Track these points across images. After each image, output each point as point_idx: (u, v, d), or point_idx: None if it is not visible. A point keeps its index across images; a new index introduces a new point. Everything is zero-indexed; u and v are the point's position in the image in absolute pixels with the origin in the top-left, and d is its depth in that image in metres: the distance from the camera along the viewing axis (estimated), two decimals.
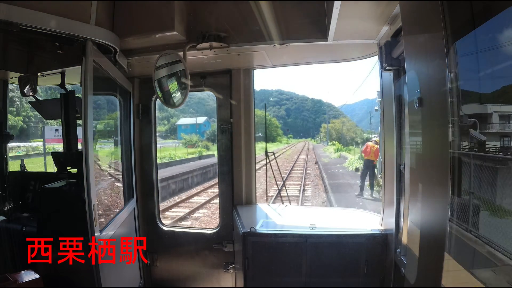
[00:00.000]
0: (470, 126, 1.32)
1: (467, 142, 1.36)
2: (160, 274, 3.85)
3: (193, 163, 21.58)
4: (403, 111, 2.50)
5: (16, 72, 3.55)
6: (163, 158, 24.62)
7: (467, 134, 1.35)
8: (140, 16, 2.81)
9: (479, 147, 1.34)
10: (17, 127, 27.12)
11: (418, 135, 1.82)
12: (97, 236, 2.35)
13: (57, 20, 2.18)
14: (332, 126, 69.69)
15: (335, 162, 21.19)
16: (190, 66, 2.81)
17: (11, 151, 20.81)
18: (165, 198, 12.48)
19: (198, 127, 54.94)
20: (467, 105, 1.36)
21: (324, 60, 3.70)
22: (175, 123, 65.76)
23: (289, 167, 20.17)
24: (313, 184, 15.11)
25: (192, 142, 39.53)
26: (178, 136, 55.21)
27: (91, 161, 2.34)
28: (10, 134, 3.79)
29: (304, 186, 14.30)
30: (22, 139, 26.52)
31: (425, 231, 1.70)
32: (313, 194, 13.10)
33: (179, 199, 12.61)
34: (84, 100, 2.33)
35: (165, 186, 13.33)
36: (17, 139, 25.25)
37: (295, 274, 2.92)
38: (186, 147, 36.35)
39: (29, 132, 27.83)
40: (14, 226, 3.03)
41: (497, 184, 1.22)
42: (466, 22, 1.33)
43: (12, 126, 26.65)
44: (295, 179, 16.45)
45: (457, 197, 1.38)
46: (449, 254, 1.39)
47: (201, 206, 11.22)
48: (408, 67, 1.82)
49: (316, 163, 21.59)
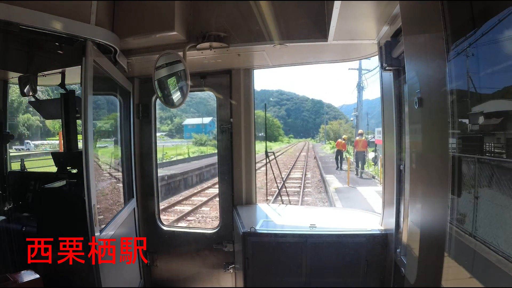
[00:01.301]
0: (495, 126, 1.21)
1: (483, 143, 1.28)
2: (160, 274, 3.85)
3: (205, 160, 23.94)
4: (403, 111, 2.50)
5: (16, 72, 3.55)
6: (179, 155, 27.31)
7: (492, 135, 1.24)
8: (140, 16, 2.81)
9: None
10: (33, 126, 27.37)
11: (418, 135, 1.82)
12: (97, 236, 2.35)
13: (57, 20, 2.18)
14: (330, 127, 78.73)
15: (328, 156, 30.10)
16: (190, 66, 2.80)
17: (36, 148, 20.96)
18: (192, 185, 16.00)
19: (204, 127, 55.93)
20: (490, 102, 1.27)
21: (324, 60, 3.70)
22: (182, 123, 68.76)
23: (293, 161, 27.12)
24: (312, 171, 21.62)
25: (202, 141, 41.94)
26: (184, 135, 57.64)
27: (91, 161, 2.34)
28: (10, 134, 3.79)
29: (306, 172, 20.47)
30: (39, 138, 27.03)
31: (425, 231, 1.70)
32: (312, 175, 19.29)
33: (201, 188, 15.03)
34: (84, 100, 2.33)
35: (188, 178, 16.82)
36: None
37: (295, 274, 2.92)
38: (197, 145, 38.88)
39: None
40: (14, 226, 3.04)
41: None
42: (466, 22, 1.33)
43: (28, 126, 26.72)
44: (298, 168, 22.99)
45: (457, 197, 1.38)
46: (449, 254, 1.39)
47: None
48: (408, 67, 1.82)
49: (315, 158, 29.42)
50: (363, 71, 29.66)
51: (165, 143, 33.43)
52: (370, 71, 29.60)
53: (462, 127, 1.37)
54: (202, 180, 17.84)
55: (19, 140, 23.98)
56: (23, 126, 26.10)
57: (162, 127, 68.02)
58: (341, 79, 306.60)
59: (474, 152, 1.35)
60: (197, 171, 18.28)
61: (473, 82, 1.33)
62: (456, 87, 1.36)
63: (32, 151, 21.42)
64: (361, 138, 18.09)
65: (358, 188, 13.02)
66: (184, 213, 10.15)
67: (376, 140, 21.58)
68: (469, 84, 1.36)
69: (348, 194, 11.84)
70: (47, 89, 11.28)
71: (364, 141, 18.02)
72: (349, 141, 26.34)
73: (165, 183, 13.97)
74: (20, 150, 21.73)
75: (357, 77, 30.54)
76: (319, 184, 15.89)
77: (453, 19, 1.35)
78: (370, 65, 32.44)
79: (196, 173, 18.03)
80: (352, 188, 13.22)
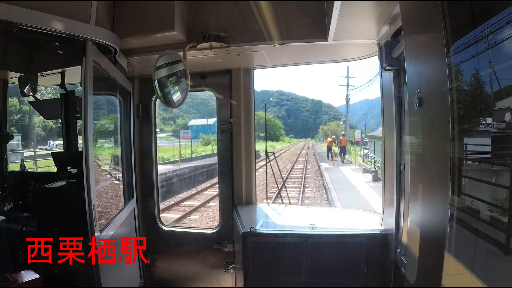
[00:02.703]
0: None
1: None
2: (160, 274, 3.85)
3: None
4: (403, 111, 2.50)
5: (16, 72, 3.55)
6: (195, 152, 30.91)
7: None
8: (140, 16, 2.81)
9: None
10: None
11: (418, 135, 1.82)
12: (97, 236, 2.35)
13: (57, 20, 2.17)
14: (329, 128, 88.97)
15: (324, 152, 35.06)
16: (190, 66, 2.80)
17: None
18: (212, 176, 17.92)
19: (208, 128, 57.13)
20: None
21: (324, 60, 3.71)
22: (187, 123, 71.05)
23: (296, 157, 32.57)
24: (311, 164, 26.73)
25: (210, 141, 45.07)
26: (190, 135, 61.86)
27: (91, 161, 2.33)
28: (10, 134, 3.79)
29: (306, 164, 25.75)
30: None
31: (425, 231, 1.70)
32: (311, 167, 24.34)
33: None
34: (84, 100, 2.33)
35: (205, 171, 19.22)
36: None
37: (295, 274, 2.92)
38: (204, 145, 41.31)
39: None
40: (14, 226, 3.03)
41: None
42: (466, 22, 1.33)
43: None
44: (300, 162, 27.85)
45: (457, 197, 1.37)
46: (449, 254, 1.39)
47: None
48: (408, 67, 1.82)
49: (314, 154, 35.59)
50: (350, 87, 40.74)
51: (174, 143, 34.94)
52: (356, 87, 39.89)
53: (463, 127, 1.37)
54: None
55: (43, 140, 26.38)
56: (39, 127, 26.50)
57: (165, 127, 69.65)
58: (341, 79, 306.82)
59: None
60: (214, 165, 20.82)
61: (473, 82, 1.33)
62: (456, 87, 1.36)
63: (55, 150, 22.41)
64: (344, 137, 28.64)
65: (339, 167, 21.08)
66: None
67: (356, 138, 31.99)
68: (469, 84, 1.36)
69: (332, 171, 19.32)
70: (54, 89, 11.31)
71: (345, 139, 28.77)
72: (337, 139, 35.42)
73: (205, 171, 18.88)
74: (44, 149, 22.71)
75: (347, 86, 40.66)
76: (316, 172, 20.77)
77: (453, 19, 1.35)
78: (356, 82, 39.21)
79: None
80: (335, 168, 21.18)
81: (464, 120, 1.36)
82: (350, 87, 41.69)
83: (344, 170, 19.32)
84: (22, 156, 12.38)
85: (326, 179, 15.58)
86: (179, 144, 29.71)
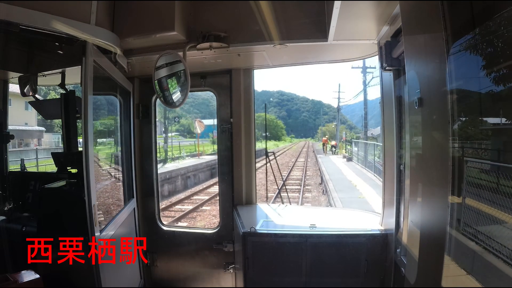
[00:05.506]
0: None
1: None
2: (160, 274, 3.85)
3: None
4: (403, 111, 2.50)
5: (16, 72, 3.55)
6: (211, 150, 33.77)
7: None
8: (140, 16, 2.81)
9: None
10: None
11: (418, 135, 1.81)
12: (97, 236, 2.35)
13: (57, 20, 2.17)
14: (327, 129, 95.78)
15: (321, 149, 45.75)
16: (190, 66, 2.80)
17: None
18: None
19: (214, 127, 58.84)
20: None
21: (324, 60, 3.70)
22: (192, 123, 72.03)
23: (297, 154, 40.04)
24: (310, 158, 34.24)
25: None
26: (195, 135, 64.09)
27: (91, 161, 2.34)
28: (10, 134, 3.78)
29: (307, 159, 32.47)
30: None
31: (425, 231, 1.70)
32: (311, 160, 31.51)
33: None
34: (84, 100, 2.33)
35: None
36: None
37: (295, 274, 2.92)
38: (212, 143, 42.71)
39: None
40: (14, 226, 3.03)
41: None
42: (466, 22, 1.33)
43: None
44: (302, 157, 35.00)
45: (457, 197, 1.37)
46: (449, 254, 1.39)
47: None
48: (408, 67, 1.82)
49: (313, 151, 44.67)
50: (341, 99, 49.69)
51: (182, 142, 37.12)
52: (346, 101, 49.88)
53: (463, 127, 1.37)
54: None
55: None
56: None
57: (172, 127, 71.95)
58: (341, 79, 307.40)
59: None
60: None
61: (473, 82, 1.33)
62: (456, 87, 1.36)
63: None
64: (326, 138, 42.71)
65: (329, 157, 32.73)
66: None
67: (343, 138, 44.55)
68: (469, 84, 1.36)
69: (324, 158, 30.76)
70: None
71: (326, 139, 44.87)
72: (331, 138, 49.88)
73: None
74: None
75: (339, 99, 49.47)
76: (315, 164, 27.10)
77: (453, 19, 1.35)
78: (346, 96, 45.25)
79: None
80: (326, 157, 32.60)
81: (464, 120, 1.36)
82: (341, 99, 52.71)
83: (332, 157, 31.41)
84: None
85: (319, 162, 26.03)
86: (196, 143, 31.71)
